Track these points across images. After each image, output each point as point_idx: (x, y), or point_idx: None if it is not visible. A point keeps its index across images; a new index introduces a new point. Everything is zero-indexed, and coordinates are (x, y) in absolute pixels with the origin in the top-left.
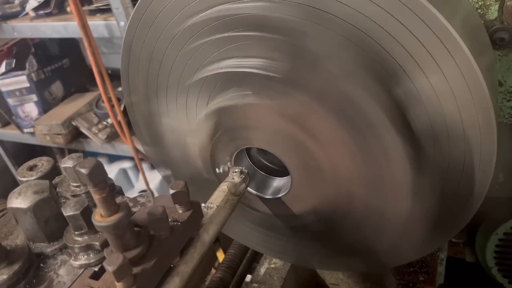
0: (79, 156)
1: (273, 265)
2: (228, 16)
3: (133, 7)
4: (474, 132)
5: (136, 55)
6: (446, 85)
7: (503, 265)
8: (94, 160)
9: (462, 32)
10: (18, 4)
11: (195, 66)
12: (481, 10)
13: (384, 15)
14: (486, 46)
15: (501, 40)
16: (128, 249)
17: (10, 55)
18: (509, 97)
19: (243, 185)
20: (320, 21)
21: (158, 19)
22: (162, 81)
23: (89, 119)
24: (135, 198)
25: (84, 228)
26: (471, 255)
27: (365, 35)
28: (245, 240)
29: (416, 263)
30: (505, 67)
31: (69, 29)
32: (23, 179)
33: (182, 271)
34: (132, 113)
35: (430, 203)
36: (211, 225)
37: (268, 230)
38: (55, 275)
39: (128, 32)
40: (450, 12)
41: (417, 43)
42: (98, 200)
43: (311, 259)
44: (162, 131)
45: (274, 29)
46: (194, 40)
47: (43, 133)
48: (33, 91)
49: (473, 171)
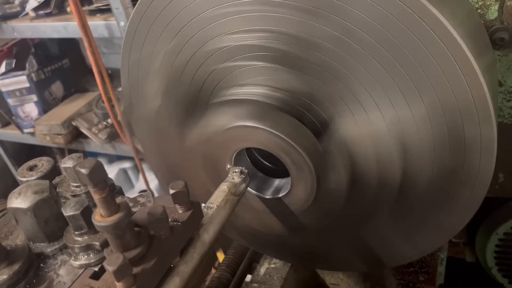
0: (79, 156)
1: (273, 265)
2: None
3: (133, 7)
4: (474, 132)
5: (136, 55)
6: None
7: (503, 265)
8: (94, 160)
9: (462, 32)
10: (18, 4)
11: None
12: (481, 10)
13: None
14: (486, 46)
15: (501, 40)
16: (128, 249)
17: (10, 55)
18: (509, 97)
19: (243, 185)
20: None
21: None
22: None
23: (89, 119)
24: (135, 198)
25: (84, 228)
26: (471, 255)
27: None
28: (245, 240)
29: (416, 263)
30: (505, 67)
31: (69, 29)
32: (23, 179)
33: (182, 271)
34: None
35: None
36: (211, 225)
37: (268, 230)
38: (55, 275)
39: (128, 32)
40: (450, 12)
41: (416, 41)
42: (98, 200)
43: (310, 259)
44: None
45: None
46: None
47: (43, 133)
48: (33, 91)
49: (473, 171)
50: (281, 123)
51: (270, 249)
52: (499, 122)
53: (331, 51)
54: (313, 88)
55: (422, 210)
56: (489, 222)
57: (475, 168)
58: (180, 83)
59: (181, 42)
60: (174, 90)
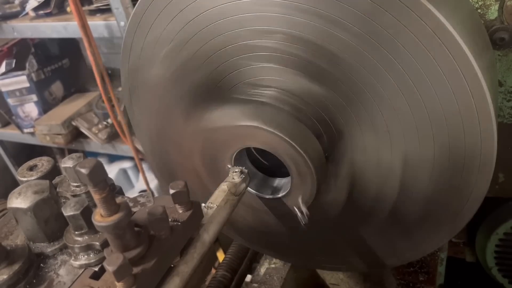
0: (79, 156)
1: (273, 265)
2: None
3: (133, 7)
4: (474, 132)
5: (136, 54)
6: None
7: (503, 265)
8: (94, 160)
9: (462, 32)
10: (18, 4)
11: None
12: (481, 10)
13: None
14: (486, 46)
15: (501, 40)
16: (128, 249)
17: (10, 55)
18: (509, 97)
19: (243, 185)
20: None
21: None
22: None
23: (89, 119)
24: (135, 198)
25: (84, 228)
26: (471, 255)
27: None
28: (245, 240)
29: (416, 263)
30: (505, 67)
31: (69, 29)
32: (23, 179)
33: (182, 271)
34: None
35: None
36: (211, 225)
37: (267, 229)
38: (55, 275)
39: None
40: (450, 11)
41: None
42: (98, 200)
43: (310, 259)
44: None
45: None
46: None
47: (43, 133)
48: (33, 91)
49: (473, 171)
50: (292, 129)
51: (270, 249)
52: (499, 122)
53: (352, 66)
54: (328, 99)
55: (419, 215)
56: (489, 222)
57: (475, 168)
58: (194, 66)
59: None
60: (187, 72)
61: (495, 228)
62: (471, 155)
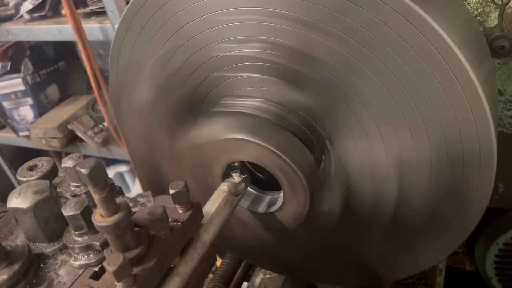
0: (79, 156)
1: (268, 275)
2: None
3: None
4: (474, 142)
5: (125, 59)
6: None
7: (503, 276)
8: (94, 160)
9: (460, 41)
10: (13, 7)
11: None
12: (481, 17)
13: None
14: (485, 54)
15: (501, 48)
16: (128, 249)
17: (5, 58)
18: (509, 106)
19: (243, 185)
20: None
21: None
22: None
23: (85, 122)
24: (135, 198)
25: (84, 228)
26: (471, 264)
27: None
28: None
29: (415, 275)
30: (505, 75)
31: (64, 32)
32: (23, 179)
33: (182, 271)
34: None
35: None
36: (211, 225)
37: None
38: (55, 275)
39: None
40: (448, 19)
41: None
42: (98, 200)
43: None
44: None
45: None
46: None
47: (39, 136)
48: (28, 94)
49: (473, 181)
50: (278, 139)
51: (265, 262)
52: (499, 131)
53: (334, 68)
54: (314, 105)
55: (417, 228)
56: (489, 232)
57: (475, 179)
58: (176, 85)
59: (178, 44)
60: (169, 92)
61: (495, 238)
62: (471, 165)
